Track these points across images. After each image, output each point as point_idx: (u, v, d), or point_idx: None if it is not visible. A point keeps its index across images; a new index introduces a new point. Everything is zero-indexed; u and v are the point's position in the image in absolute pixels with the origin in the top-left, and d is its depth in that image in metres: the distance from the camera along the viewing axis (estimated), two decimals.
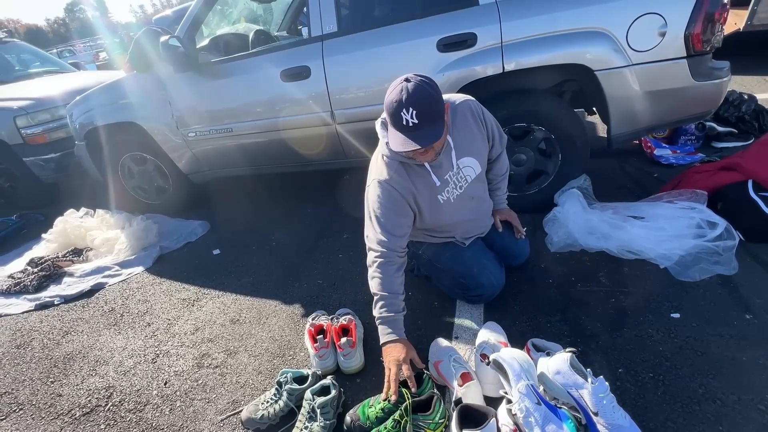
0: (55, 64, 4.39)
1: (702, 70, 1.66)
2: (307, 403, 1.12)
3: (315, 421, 1.09)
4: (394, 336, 1.17)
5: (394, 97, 1.07)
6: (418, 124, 1.06)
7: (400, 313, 1.21)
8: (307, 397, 1.13)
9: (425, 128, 1.08)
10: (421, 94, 1.05)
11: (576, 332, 1.32)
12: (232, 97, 2.27)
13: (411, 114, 1.05)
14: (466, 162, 1.34)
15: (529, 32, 1.69)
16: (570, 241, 1.71)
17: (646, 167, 2.39)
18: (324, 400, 1.11)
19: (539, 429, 0.90)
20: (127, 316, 1.81)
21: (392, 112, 1.08)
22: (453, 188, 1.34)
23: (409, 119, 1.06)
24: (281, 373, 1.23)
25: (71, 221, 2.49)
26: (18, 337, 1.78)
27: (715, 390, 1.07)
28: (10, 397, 1.45)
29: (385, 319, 1.19)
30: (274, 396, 1.20)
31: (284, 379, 1.20)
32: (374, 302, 1.22)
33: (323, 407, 1.10)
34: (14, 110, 3.00)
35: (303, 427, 1.09)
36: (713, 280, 1.43)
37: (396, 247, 1.24)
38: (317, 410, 1.09)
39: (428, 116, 1.07)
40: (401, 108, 1.06)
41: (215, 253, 2.22)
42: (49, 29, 29.85)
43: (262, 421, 1.16)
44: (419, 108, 1.05)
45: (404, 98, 1.05)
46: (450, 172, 1.32)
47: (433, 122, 1.09)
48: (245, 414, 1.18)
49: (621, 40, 1.62)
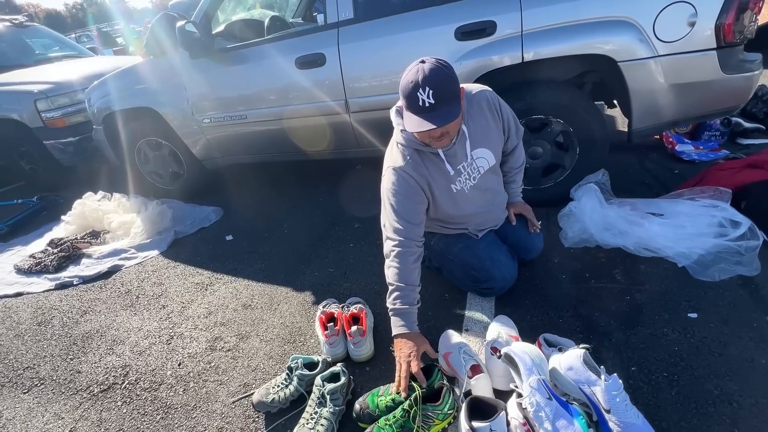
0: (73, 48, 4.44)
1: (732, 63, 1.59)
2: (317, 389, 1.13)
3: (324, 406, 1.10)
4: (406, 329, 1.16)
5: (411, 78, 1.06)
6: (434, 105, 1.05)
7: (414, 306, 1.20)
8: (317, 383, 1.14)
9: (441, 108, 1.07)
10: (438, 74, 1.04)
11: (588, 329, 1.31)
12: (246, 84, 2.27)
13: (428, 94, 1.04)
14: (479, 153, 1.33)
15: (550, 21, 1.64)
16: (585, 236, 1.68)
17: (666, 163, 2.33)
18: (334, 386, 1.12)
19: (549, 424, 0.90)
20: (142, 298, 1.85)
21: (408, 93, 1.07)
22: (467, 178, 1.33)
23: (425, 99, 1.05)
24: (292, 358, 1.25)
25: (89, 204, 2.54)
26: (39, 314, 1.84)
27: (732, 392, 1.05)
28: (32, 371, 1.51)
29: (398, 311, 1.19)
30: (285, 381, 1.21)
31: (295, 365, 1.22)
32: (389, 292, 1.21)
33: (333, 393, 1.11)
34: (35, 93, 3.06)
35: (312, 413, 1.11)
36: (733, 281, 1.39)
37: (413, 235, 1.23)
38: (327, 396, 1.11)
39: (444, 96, 1.06)
40: (417, 88, 1.05)
41: (228, 239, 2.25)
42: (68, 14, 30.22)
43: (273, 404, 1.18)
44: (436, 88, 1.04)
45: (420, 78, 1.04)
46: (464, 162, 1.30)
47: (448, 103, 1.07)
48: (256, 397, 1.20)
49: (647, 29, 1.56)
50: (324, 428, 1.07)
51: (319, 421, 1.08)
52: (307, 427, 1.08)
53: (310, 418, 1.10)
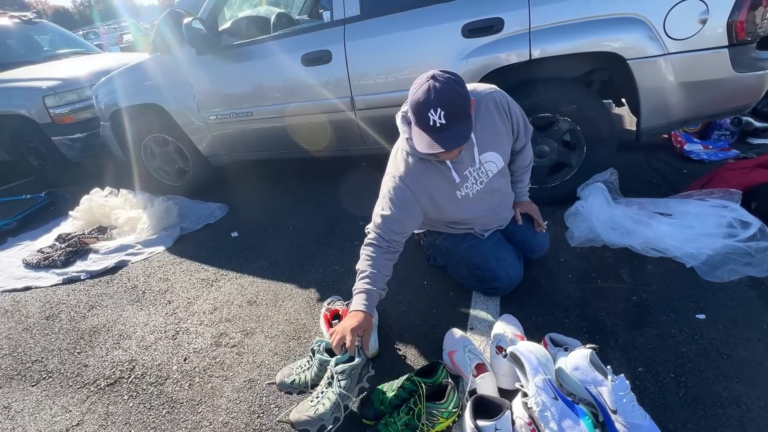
0: (81, 45, 4.47)
1: (744, 61, 1.56)
2: (329, 369, 1.11)
3: (330, 387, 1.07)
4: (365, 309, 1.14)
5: (420, 96, 1.04)
6: (445, 125, 1.04)
7: (380, 291, 1.20)
8: (330, 364, 1.12)
9: (452, 129, 1.05)
10: (450, 94, 1.02)
11: (594, 329, 1.30)
12: (252, 80, 2.27)
13: (439, 114, 1.02)
14: (488, 157, 1.31)
15: (559, 18, 1.63)
16: (592, 236, 1.67)
17: (675, 163, 2.30)
18: (344, 366, 1.08)
19: (555, 423, 0.89)
20: (148, 294, 1.86)
21: (418, 111, 1.06)
22: (473, 183, 1.32)
23: (436, 120, 1.03)
24: (316, 341, 1.25)
25: (96, 200, 2.56)
26: (47, 308, 1.86)
27: (740, 394, 1.04)
28: (40, 365, 1.52)
29: (364, 290, 1.18)
30: (307, 363, 1.22)
31: (317, 348, 1.22)
32: (358, 275, 1.23)
33: (341, 373, 1.07)
34: (43, 90, 3.08)
35: (320, 392, 1.09)
36: (743, 282, 1.38)
37: (392, 240, 1.24)
38: (335, 375, 1.07)
39: (456, 115, 1.04)
40: (428, 108, 1.03)
41: (233, 236, 2.26)
42: (75, 11, 30.40)
43: (294, 386, 1.19)
44: (447, 109, 1.02)
45: (432, 98, 1.02)
46: (470, 168, 1.29)
47: (459, 122, 1.06)
48: (279, 376, 1.23)
49: (657, 27, 1.53)
50: (326, 408, 1.04)
51: (321, 400, 1.06)
52: (309, 403, 1.07)
53: (315, 397, 1.09)
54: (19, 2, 22.93)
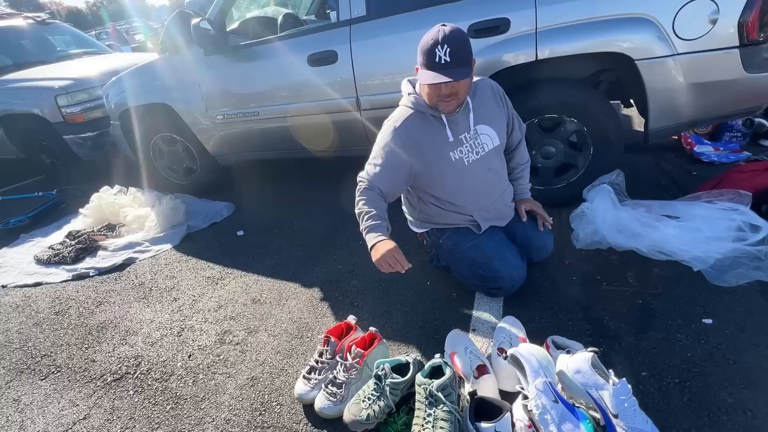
0: (93, 45, 4.55)
1: (755, 61, 1.53)
2: (422, 388, 0.98)
3: (436, 406, 0.96)
4: (384, 237, 1.25)
5: (431, 36, 1.17)
6: (449, 62, 1.15)
7: (387, 224, 1.29)
8: (419, 382, 1.00)
9: (455, 68, 1.16)
10: (457, 36, 1.16)
11: (598, 332, 1.28)
12: (259, 80, 2.29)
13: (445, 51, 1.14)
14: (483, 129, 1.39)
15: (566, 18, 1.61)
16: (597, 238, 1.65)
17: (684, 164, 2.26)
18: (442, 381, 0.97)
19: (555, 427, 0.89)
20: (155, 291, 1.89)
21: (427, 49, 1.17)
22: (469, 151, 1.38)
23: (442, 56, 1.15)
24: (377, 365, 1.11)
25: (106, 198, 2.61)
26: (57, 304, 1.90)
27: (746, 401, 1.02)
28: (49, 359, 1.55)
29: (372, 226, 1.27)
30: (375, 392, 1.07)
31: (383, 372, 1.07)
32: (360, 218, 1.31)
33: (443, 389, 0.96)
34: (55, 89, 3.14)
35: (425, 416, 0.95)
36: (751, 287, 1.35)
37: (382, 192, 1.34)
38: (437, 393, 0.95)
39: (460, 56, 1.16)
40: (436, 45, 1.15)
41: (239, 235, 2.28)
42: (88, 11, 30.90)
43: (369, 421, 1.03)
44: (453, 47, 1.14)
45: (441, 37, 1.15)
46: (466, 134, 1.37)
47: (462, 64, 1.17)
48: (348, 417, 1.06)
49: (667, 27, 1.51)
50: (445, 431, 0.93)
51: (436, 423, 0.94)
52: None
53: (424, 422, 0.95)
54: (34, 3, 23.35)
